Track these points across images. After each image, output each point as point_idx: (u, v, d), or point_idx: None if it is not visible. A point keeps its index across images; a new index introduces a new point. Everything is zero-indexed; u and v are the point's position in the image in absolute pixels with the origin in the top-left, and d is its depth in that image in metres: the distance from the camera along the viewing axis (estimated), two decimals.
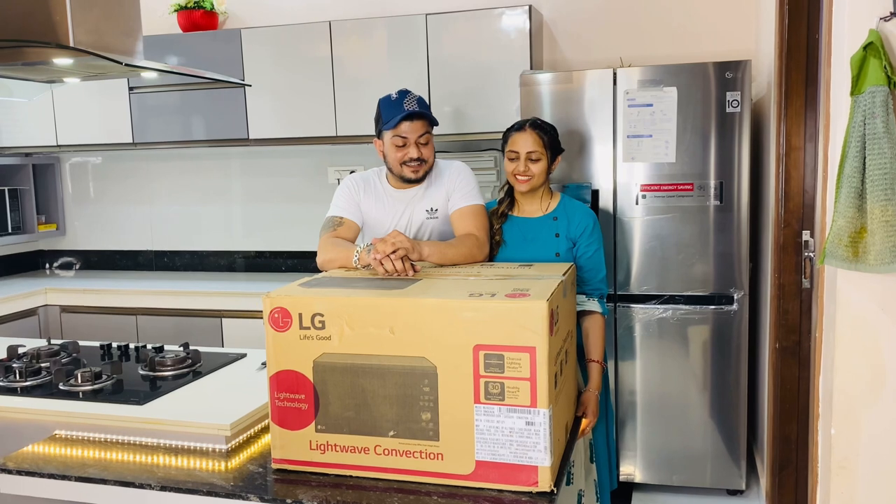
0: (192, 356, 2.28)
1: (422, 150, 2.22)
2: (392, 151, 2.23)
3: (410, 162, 2.22)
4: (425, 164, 2.24)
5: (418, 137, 2.20)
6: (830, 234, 1.73)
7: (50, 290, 3.91)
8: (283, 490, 1.53)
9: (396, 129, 2.19)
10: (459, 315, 1.46)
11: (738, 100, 2.96)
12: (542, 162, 2.25)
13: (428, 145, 2.24)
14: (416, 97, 2.24)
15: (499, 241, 2.29)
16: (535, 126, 2.27)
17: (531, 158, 2.24)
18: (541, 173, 2.26)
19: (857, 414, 1.81)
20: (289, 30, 3.69)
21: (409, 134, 2.20)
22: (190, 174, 4.34)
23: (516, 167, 2.25)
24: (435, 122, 2.26)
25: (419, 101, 2.24)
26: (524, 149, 2.24)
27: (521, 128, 2.28)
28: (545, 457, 1.46)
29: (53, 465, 1.68)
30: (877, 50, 1.64)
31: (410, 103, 2.21)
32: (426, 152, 2.23)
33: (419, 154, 2.21)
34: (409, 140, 2.20)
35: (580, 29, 3.69)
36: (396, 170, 2.25)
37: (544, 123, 2.31)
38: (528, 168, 2.24)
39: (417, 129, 2.20)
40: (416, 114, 2.19)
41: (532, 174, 2.24)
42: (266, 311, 1.57)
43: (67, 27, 2.05)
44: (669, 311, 3.11)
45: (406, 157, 2.21)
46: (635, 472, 3.23)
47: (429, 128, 2.24)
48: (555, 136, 2.31)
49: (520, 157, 2.24)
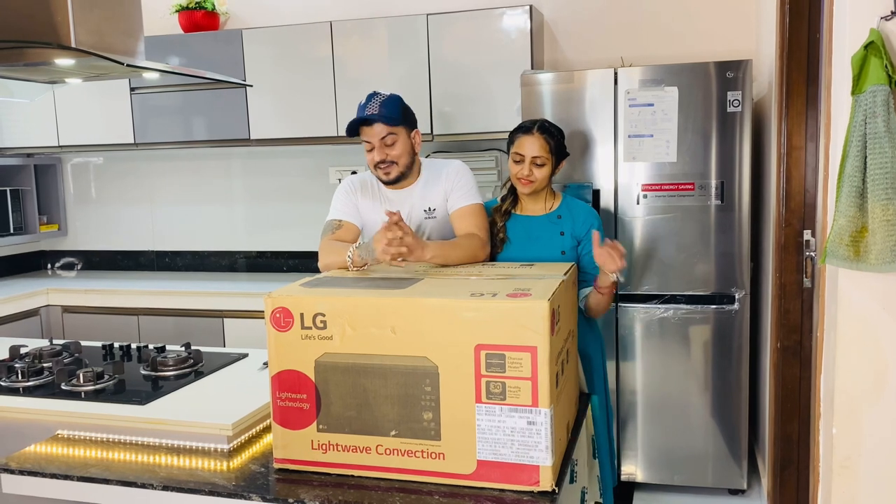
0: (194, 356, 2.28)
1: (387, 151, 2.18)
2: (366, 156, 2.24)
3: (379, 164, 2.21)
4: (395, 164, 2.20)
5: (381, 139, 2.18)
6: (831, 234, 1.73)
7: (52, 291, 3.91)
8: (284, 490, 1.53)
9: (361, 133, 2.20)
10: (461, 315, 1.47)
11: (738, 99, 2.96)
12: (546, 167, 2.24)
13: (395, 146, 2.19)
14: (380, 100, 2.18)
15: (503, 239, 2.29)
16: (543, 130, 2.25)
17: (536, 163, 2.23)
18: (544, 178, 2.25)
19: (858, 413, 1.81)
20: (290, 30, 3.69)
21: (371, 138, 2.19)
22: (191, 174, 4.35)
23: (520, 170, 2.24)
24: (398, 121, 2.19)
25: (384, 103, 2.18)
26: (530, 153, 2.23)
27: (528, 130, 2.26)
28: (547, 456, 1.46)
29: (56, 465, 1.68)
30: (878, 49, 1.64)
31: (372, 108, 2.17)
32: (392, 153, 2.19)
33: (384, 156, 2.18)
34: (374, 143, 2.19)
35: (581, 29, 3.69)
36: (373, 173, 2.27)
37: (552, 127, 2.29)
38: (532, 172, 2.23)
39: (378, 133, 2.17)
40: (370, 119, 2.16)
41: (535, 178, 2.24)
42: (268, 311, 1.57)
43: (69, 28, 2.06)
44: (671, 310, 3.11)
45: (373, 160, 2.21)
46: (637, 472, 3.23)
47: (391, 128, 2.18)
48: (561, 140, 2.30)
49: (525, 161, 2.23)
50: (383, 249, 1.85)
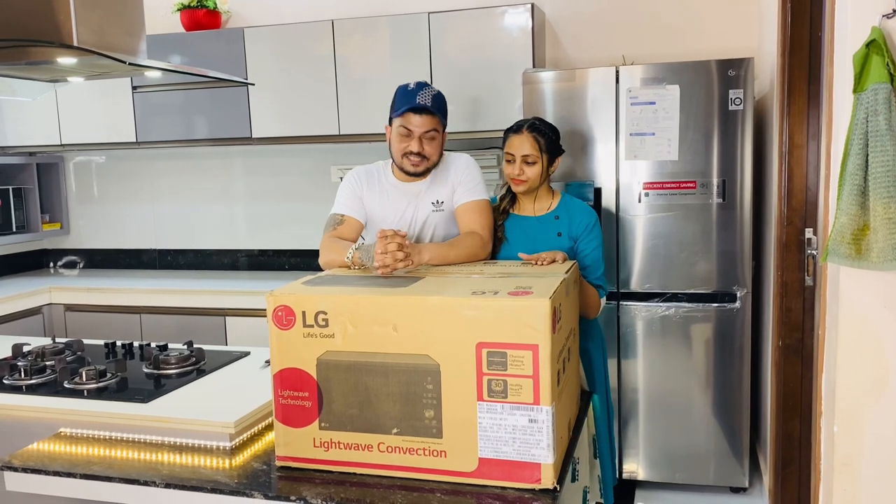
0: (196, 354, 2.28)
1: (424, 145, 2.16)
2: (396, 141, 2.19)
3: (410, 155, 2.17)
4: (426, 160, 2.18)
5: (424, 132, 2.15)
6: (833, 232, 1.73)
7: (54, 289, 3.92)
8: (286, 487, 1.53)
9: (403, 118, 2.15)
10: (462, 313, 1.47)
11: (740, 97, 2.96)
12: (537, 165, 2.25)
13: (434, 142, 2.18)
14: (433, 93, 2.18)
15: (501, 238, 2.30)
16: (532, 129, 2.26)
17: (526, 161, 2.24)
18: (536, 176, 2.26)
19: (859, 411, 1.81)
20: (292, 29, 3.70)
21: (414, 127, 2.15)
22: (193, 173, 4.35)
23: (512, 170, 2.26)
24: (444, 123, 2.20)
25: (435, 96, 2.18)
26: (519, 151, 2.24)
27: (517, 130, 2.27)
28: (548, 454, 1.46)
29: (58, 463, 1.69)
30: (879, 47, 1.64)
31: (424, 97, 2.15)
32: (429, 149, 2.17)
33: (420, 149, 2.16)
34: (414, 133, 2.15)
35: (583, 27, 3.69)
36: (398, 160, 2.21)
37: (543, 125, 2.29)
38: (523, 171, 2.24)
39: (424, 124, 2.15)
40: (423, 108, 2.14)
41: (527, 177, 2.25)
42: (270, 309, 1.57)
43: (71, 27, 2.06)
44: (672, 308, 3.11)
45: (407, 150, 2.17)
46: (638, 470, 3.24)
47: (437, 125, 2.18)
48: (554, 138, 2.30)
49: (515, 160, 2.25)
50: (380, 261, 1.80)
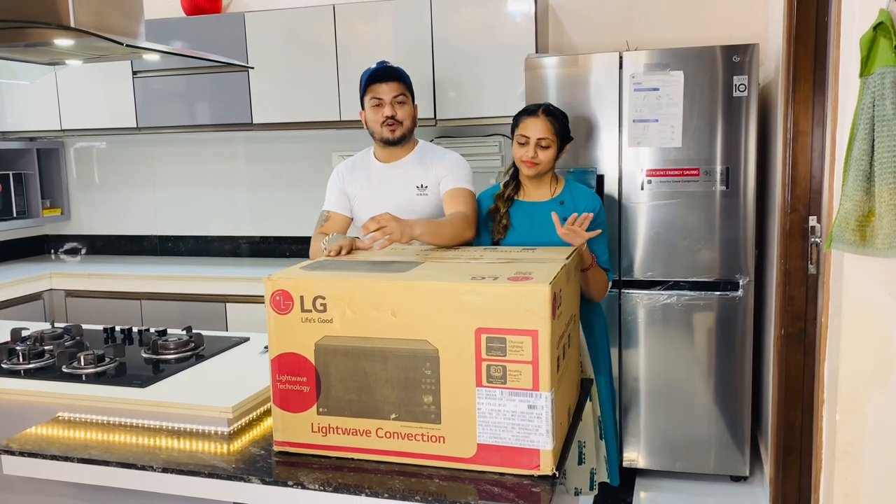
0: (195, 340, 2.27)
1: (396, 109, 2.30)
2: (371, 114, 2.33)
3: (387, 121, 2.30)
4: (401, 125, 2.32)
5: (393, 97, 2.29)
6: (837, 218, 1.71)
7: (55, 275, 3.92)
8: (284, 472, 1.53)
9: (371, 90, 2.30)
10: (461, 298, 1.46)
11: (745, 84, 2.93)
12: (551, 149, 2.26)
13: (404, 106, 2.32)
14: (392, 65, 2.33)
15: (506, 225, 2.30)
16: (548, 112, 2.27)
17: (541, 145, 2.24)
18: (548, 160, 2.27)
19: (861, 400, 1.80)
20: (293, 13, 3.67)
21: (383, 95, 2.30)
22: (194, 159, 4.33)
23: (525, 152, 2.25)
24: (409, 88, 2.34)
25: (396, 68, 2.32)
26: (535, 135, 2.24)
27: (534, 112, 2.28)
28: (547, 440, 1.45)
29: (56, 447, 1.68)
30: (887, 30, 1.61)
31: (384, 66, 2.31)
32: (401, 113, 2.31)
33: (393, 112, 2.30)
34: (385, 100, 2.29)
35: (586, 12, 3.66)
36: (377, 132, 2.34)
37: (556, 110, 2.30)
38: (537, 154, 2.25)
39: (392, 90, 2.30)
40: (387, 70, 2.29)
41: (540, 161, 2.25)
42: (268, 293, 1.56)
43: (68, 8, 2.04)
44: (674, 297, 3.10)
45: (383, 117, 2.30)
46: (639, 458, 3.23)
47: (404, 90, 2.32)
48: (565, 123, 2.31)
49: (530, 143, 2.25)
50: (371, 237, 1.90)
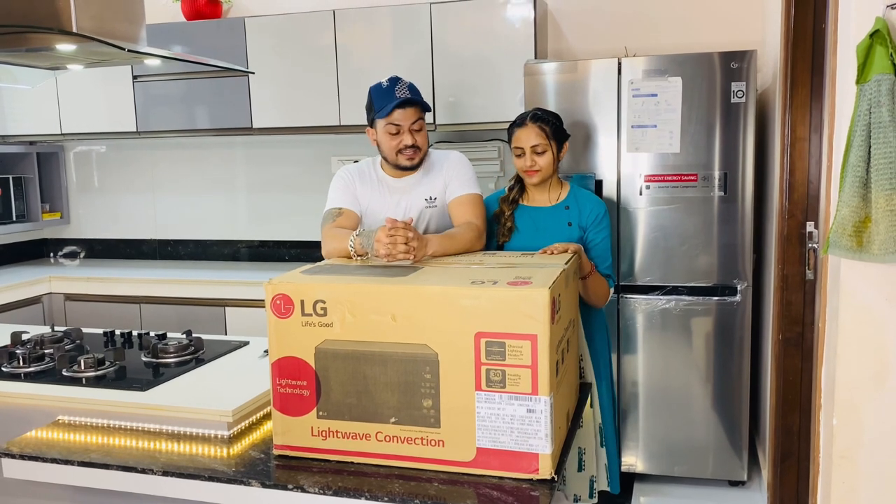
0: (195, 343, 2.28)
1: (416, 136, 2.21)
2: (386, 140, 2.22)
3: (405, 150, 2.21)
4: (419, 150, 2.23)
5: (411, 124, 2.19)
6: (834, 224, 1.72)
7: (54, 279, 3.92)
8: (284, 476, 1.53)
9: (389, 117, 2.18)
10: (461, 302, 1.46)
11: (743, 90, 2.94)
12: (547, 153, 2.27)
13: (421, 132, 2.23)
14: (407, 84, 2.23)
15: (511, 228, 2.31)
16: (535, 119, 2.28)
17: (536, 152, 2.27)
18: (548, 164, 2.28)
19: (859, 404, 1.81)
20: (293, 19, 3.68)
21: (402, 121, 2.18)
22: (194, 163, 4.34)
23: (524, 162, 2.28)
24: (427, 108, 2.25)
25: (410, 87, 2.22)
26: (528, 143, 2.26)
27: (521, 123, 2.30)
28: (546, 444, 1.46)
29: (56, 450, 1.69)
30: (883, 38, 1.62)
31: (402, 90, 2.19)
32: (420, 139, 2.22)
33: (413, 141, 2.20)
34: (403, 127, 2.19)
35: (585, 18, 3.67)
36: (392, 158, 2.25)
37: (545, 114, 2.32)
38: (535, 161, 2.27)
39: (410, 116, 2.19)
40: (409, 101, 2.18)
41: (540, 167, 2.28)
42: (268, 297, 1.57)
43: (70, 13, 2.05)
44: (672, 301, 3.11)
45: (401, 145, 2.20)
46: (637, 463, 3.24)
47: (421, 114, 2.23)
48: (557, 124, 2.32)
49: (525, 153, 2.27)
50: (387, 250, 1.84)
